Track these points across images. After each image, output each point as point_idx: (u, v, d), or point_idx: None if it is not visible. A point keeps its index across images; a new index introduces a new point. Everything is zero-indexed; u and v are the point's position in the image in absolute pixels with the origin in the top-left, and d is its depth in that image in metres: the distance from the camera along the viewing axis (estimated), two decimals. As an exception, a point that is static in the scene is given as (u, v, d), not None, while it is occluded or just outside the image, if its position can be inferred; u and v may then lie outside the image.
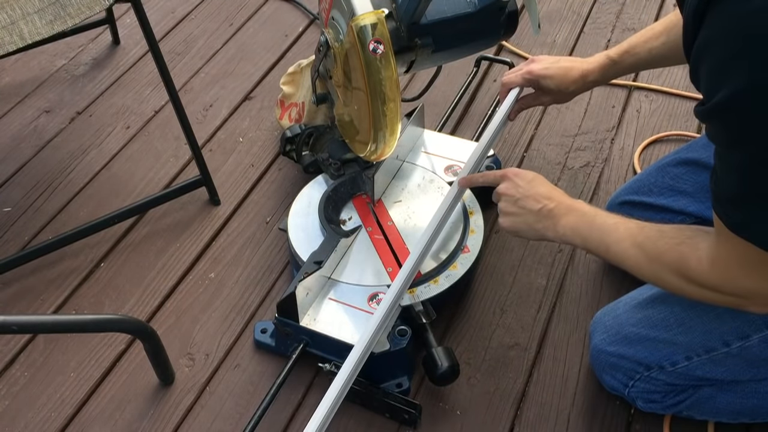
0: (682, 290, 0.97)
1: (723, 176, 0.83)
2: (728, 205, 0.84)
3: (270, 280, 1.44)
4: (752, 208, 0.82)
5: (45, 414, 1.26)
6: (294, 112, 1.60)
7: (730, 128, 0.79)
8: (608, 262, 1.09)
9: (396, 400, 1.20)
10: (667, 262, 0.96)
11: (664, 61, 1.32)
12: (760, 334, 1.02)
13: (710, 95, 0.77)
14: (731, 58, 0.74)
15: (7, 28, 1.24)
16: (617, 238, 1.03)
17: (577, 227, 1.09)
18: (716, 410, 1.16)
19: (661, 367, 1.11)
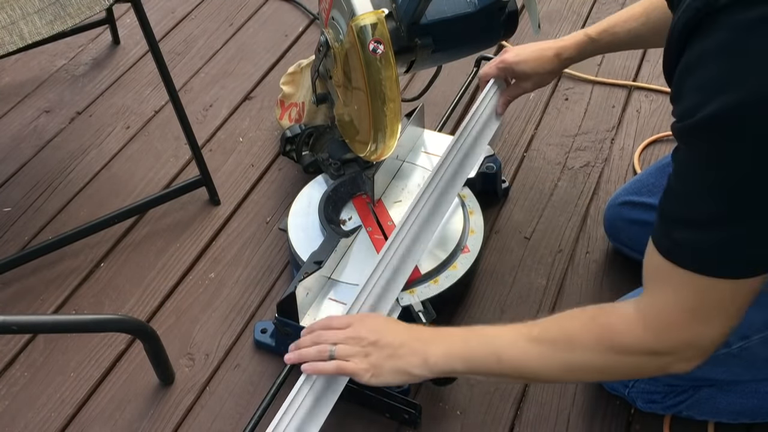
0: (609, 368, 0.90)
1: (692, 198, 0.77)
2: (695, 230, 0.78)
3: (270, 280, 1.44)
4: (733, 229, 0.76)
5: (45, 414, 1.26)
6: (294, 112, 1.60)
7: (718, 144, 0.72)
8: (503, 379, 0.97)
9: (396, 400, 1.20)
10: (585, 341, 0.89)
11: (642, 42, 1.32)
12: (760, 335, 1.02)
13: (697, 109, 0.72)
14: (729, 70, 0.70)
15: (7, 28, 1.24)
16: (507, 342, 0.94)
17: (451, 351, 0.97)
18: (716, 410, 1.16)
19: None
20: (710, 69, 0.71)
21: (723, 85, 0.69)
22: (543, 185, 1.58)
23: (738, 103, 0.68)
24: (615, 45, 1.33)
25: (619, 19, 1.30)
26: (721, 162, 0.73)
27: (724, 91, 0.69)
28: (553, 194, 1.56)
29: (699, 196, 0.76)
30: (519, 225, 1.51)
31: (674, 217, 0.80)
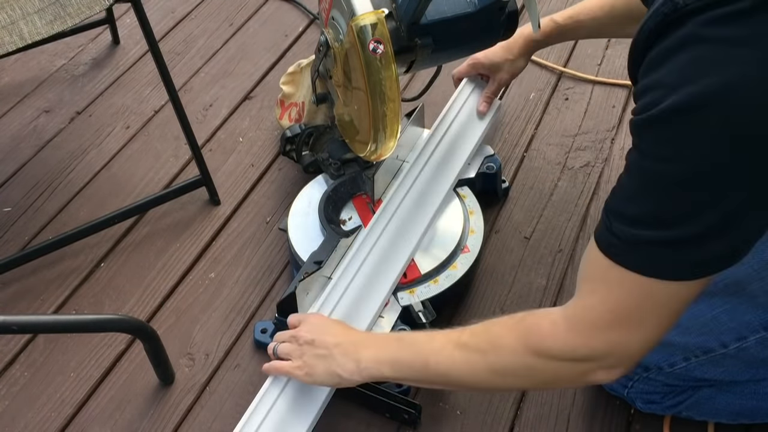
0: (530, 372, 0.88)
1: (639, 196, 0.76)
2: (639, 228, 0.76)
3: (270, 280, 1.44)
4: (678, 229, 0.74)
5: (45, 414, 1.26)
6: (294, 112, 1.60)
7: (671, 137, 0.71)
8: (433, 386, 0.96)
9: (396, 400, 1.20)
10: (509, 343, 0.88)
11: (606, 31, 1.36)
12: (756, 336, 1.02)
13: (657, 102, 0.71)
14: (691, 63, 0.69)
15: (7, 28, 1.24)
16: (435, 348, 0.94)
17: (380, 356, 0.98)
18: (715, 411, 1.16)
19: (659, 368, 1.11)
20: (672, 64, 0.70)
21: (683, 79, 0.69)
22: (543, 185, 1.58)
23: (696, 95, 0.68)
24: (580, 32, 1.38)
25: (585, 7, 1.33)
26: (672, 157, 0.72)
27: (683, 84, 0.68)
28: (553, 194, 1.56)
29: (646, 194, 0.75)
30: (519, 225, 1.51)
31: (618, 213, 0.78)
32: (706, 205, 0.72)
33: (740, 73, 0.66)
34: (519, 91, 1.77)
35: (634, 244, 0.77)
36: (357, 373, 1.00)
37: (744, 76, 0.66)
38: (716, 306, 1.04)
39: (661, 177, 0.73)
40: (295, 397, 1.09)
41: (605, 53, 1.85)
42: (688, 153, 0.70)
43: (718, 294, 1.04)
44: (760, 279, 1.00)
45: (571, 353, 0.85)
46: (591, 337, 0.83)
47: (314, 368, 1.02)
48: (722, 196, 0.71)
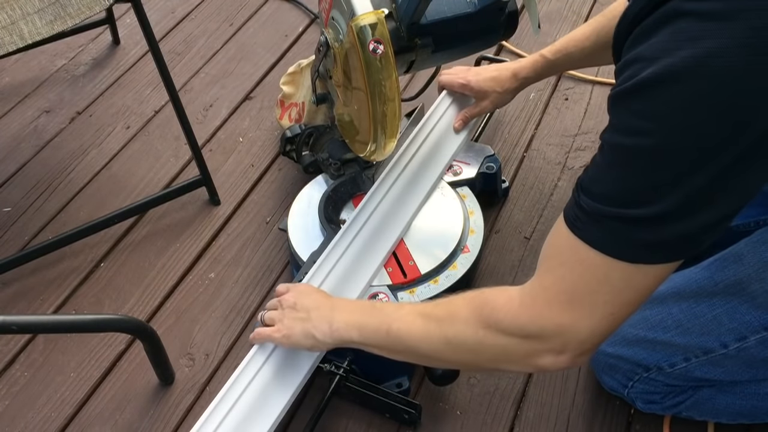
0: (480, 346, 0.88)
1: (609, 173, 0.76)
2: (606, 205, 0.76)
3: (270, 280, 1.44)
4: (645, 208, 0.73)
5: (45, 414, 1.26)
6: (294, 112, 1.60)
7: (647, 109, 0.71)
8: (394, 355, 0.98)
9: (396, 400, 1.20)
10: (464, 314, 0.89)
11: (595, 60, 1.38)
12: (757, 336, 1.02)
13: (636, 74, 0.71)
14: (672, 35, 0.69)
15: (7, 28, 1.24)
16: (399, 315, 0.97)
17: (351, 320, 1.01)
18: (716, 411, 1.16)
19: (659, 368, 1.11)
20: (654, 38, 0.71)
21: (661, 52, 0.69)
22: (543, 185, 1.58)
23: (671, 67, 0.68)
24: (570, 64, 1.42)
25: (572, 39, 1.36)
26: (643, 130, 0.72)
27: (661, 57, 0.69)
28: (553, 194, 1.56)
29: (614, 170, 0.75)
30: (519, 225, 1.51)
31: (587, 189, 0.78)
32: (671, 185, 0.72)
33: (715, 46, 0.66)
34: (519, 91, 1.77)
35: (597, 220, 0.77)
36: (329, 335, 1.03)
37: (719, 48, 0.66)
38: (717, 306, 1.04)
39: (630, 152, 0.74)
40: (278, 368, 1.12)
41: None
42: (659, 125, 0.71)
43: (718, 294, 1.04)
44: (761, 279, 1.00)
45: (520, 329, 0.85)
46: (541, 315, 0.82)
47: (292, 330, 1.06)
48: (688, 173, 0.71)
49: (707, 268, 1.06)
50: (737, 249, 1.04)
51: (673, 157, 0.71)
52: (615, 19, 0.88)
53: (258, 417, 1.08)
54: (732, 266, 1.03)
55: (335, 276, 1.22)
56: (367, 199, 1.33)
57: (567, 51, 1.36)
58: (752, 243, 1.03)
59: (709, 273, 1.06)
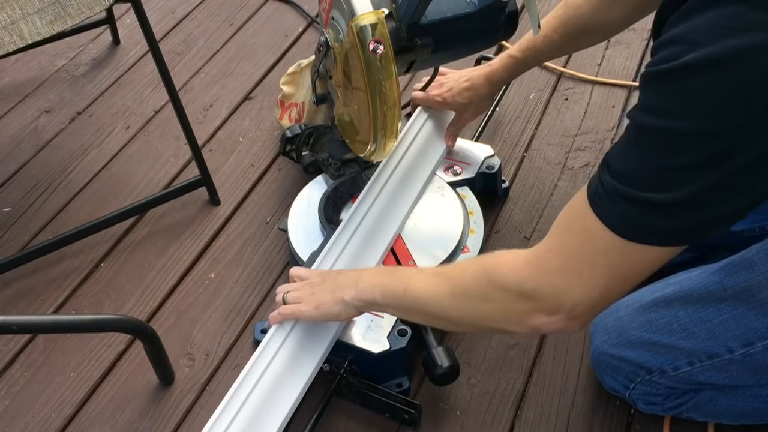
0: (482, 300, 0.91)
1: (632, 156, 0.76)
2: (624, 185, 0.76)
3: (270, 280, 1.44)
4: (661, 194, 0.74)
5: (45, 414, 1.26)
6: (294, 112, 1.60)
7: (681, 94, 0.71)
8: (410, 316, 1.03)
9: (396, 400, 1.20)
10: (472, 269, 0.93)
11: (567, 49, 1.42)
12: (764, 342, 1.01)
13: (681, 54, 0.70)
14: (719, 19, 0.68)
15: (7, 28, 1.24)
16: (418, 276, 1.01)
17: (375, 280, 1.06)
18: (717, 412, 1.15)
19: (662, 371, 1.10)
20: (698, 20, 0.70)
21: (705, 37, 0.68)
22: (543, 185, 1.58)
23: (714, 55, 0.67)
24: (540, 58, 1.42)
25: (540, 34, 1.34)
26: (675, 112, 0.71)
27: (703, 43, 0.68)
28: (553, 194, 1.56)
29: (637, 151, 0.76)
30: (519, 225, 1.51)
31: (609, 165, 0.79)
32: (692, 173, 0.72)
33: (762, 39, 0.66)
34: (519, 91, 1.77)
35: (613, 198, 0.78)
36: (356, 297, 1.06)
37: (765, 42, 0.65)
38: (724, 312, 1.04)
39: (656, 133, 0.73)
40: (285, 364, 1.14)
41: (605, 53, 1.85)
42: (691, 110, 0.70)
43: (727, 300, 1.03)
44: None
45: (518, 286, 0.87)
46: (541, 274, 0.85)
47: (322, 299, 1.10)
48: (711, 164, 0.71)
49: (717, 273, 1.06)
50: (748, 255, 1.03)
51: (699, 145, 0.71)
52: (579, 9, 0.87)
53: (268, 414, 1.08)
54: (742, 272, 1.02)
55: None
56: (362, 199, 1.33)
57: (536, 47, 1.36)
58: (764, 250, 1.02)
59: (718, 278, 1.05)
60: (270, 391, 1.10)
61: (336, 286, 1.10)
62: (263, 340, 1.16)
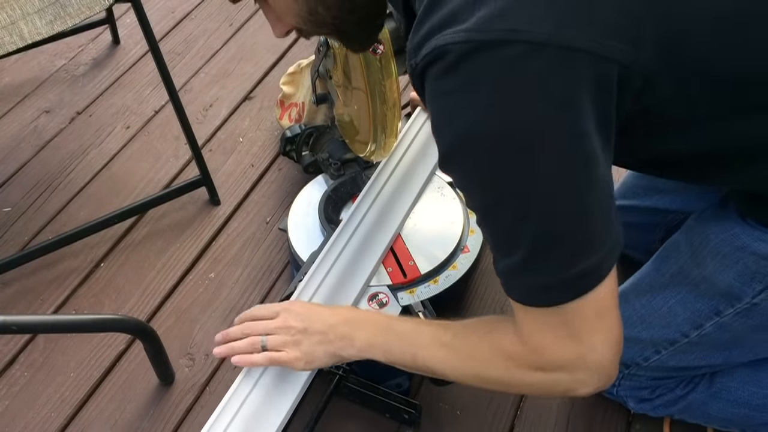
0: (513, 378, 0.89)
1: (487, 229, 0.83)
2: (496, 268, 0.84)
3: (270, 280, 1.44)
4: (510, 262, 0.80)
5: (45, 414, 1.26)
6: (294, 112, 1.60)
7: (456, 178, 0.81)
8: (418, 372, 1.00)
9: (396, 400, 1.20)
10: (484, 354, 0.90)
11: None
12: (711, 322, 1.01)
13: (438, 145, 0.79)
14: (436, 115, 0.76)
15: (7, 28, 1.24)
16: (423, 343, 0.96)
17: (374, 341, 0.99)
18: (707, 416, 1.16)
19: (636, 363, 1.11)
20: (431, 114, 0.77)
21: (436, 131, 0.77)
22: (543, 185, 1.58)
23: (446, 146, 0.76)
24: None
25: None
26: (468, 193, 0.81)
27: (438, 137, 0.77)
28: (553, 194, 1.56)
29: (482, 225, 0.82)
30: (519, 225, 1.51)
31: (495, 252, 0.85)
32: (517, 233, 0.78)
33: (467, 118, 0.72)
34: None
35: (509, 280, 0.84)
36: (356, 354, 1.01)
37: (472, 121, 0.72)
38: (669, 298, 1.04)
39: (476, 210, 0.81)
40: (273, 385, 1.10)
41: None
42: (470, 190, 0.80)
43: (668, 286, 1.04)
44: (697, 265, 0.99)
45: (541, 366, 0.85)
46: (547, 354, 0.84)
47: (314, 355, 1.01)
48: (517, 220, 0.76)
49: (654, 261, 1.08)
50: (675, 238, 1.05)
51: (496, 212, 0.78)
52: None
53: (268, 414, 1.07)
54: (672, 255, 1.04)
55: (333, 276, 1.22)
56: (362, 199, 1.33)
57: None
58: (684, 230, 1.04)
59: (656, 265, 1.07)
60: (270, 391, 1.09)
61: (325, 339, 1.01)
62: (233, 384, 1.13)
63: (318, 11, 0.83)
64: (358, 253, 1.26)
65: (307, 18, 0.84)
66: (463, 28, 0.69)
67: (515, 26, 0.68)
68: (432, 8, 0.73)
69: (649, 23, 0.71)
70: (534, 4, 0.69)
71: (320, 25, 0.85)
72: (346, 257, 1.25)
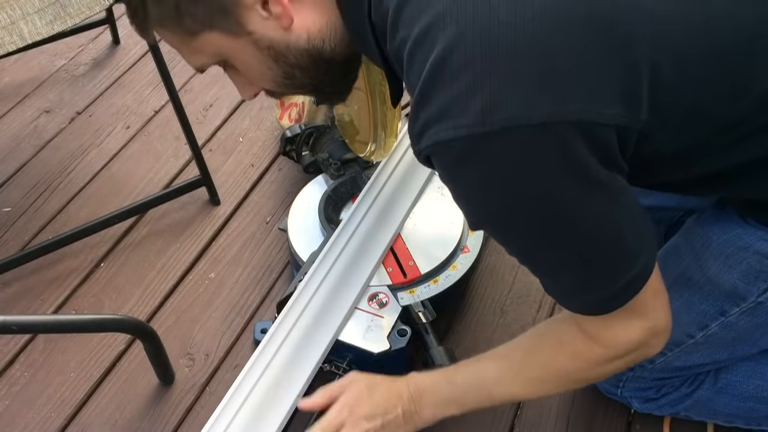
0: (600, 374, 0.93)
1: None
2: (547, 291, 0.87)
3: (270, 280, 1.44)
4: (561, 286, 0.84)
5: (45, 414, 1.26)
6: (294, 112, 1.60)
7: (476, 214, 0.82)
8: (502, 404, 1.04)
9: (396, 400, 1.20)
10: (566, 367, 0.93)
11: None
12: (716, 322, 1.01)
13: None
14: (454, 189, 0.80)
15: (7, 28, 1.24)
16: (491, 380, 0.97)
17: (443, 404, 1.00)
18: (713, 412, 1.16)
19: (641, 365, 1.11)
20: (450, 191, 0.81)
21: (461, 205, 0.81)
22: (543, 185, 1.58)
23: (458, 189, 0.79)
24: None
25: None
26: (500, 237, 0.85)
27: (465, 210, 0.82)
28: (553, 194, 1.56)
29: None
30: (519, 225, 1.51)
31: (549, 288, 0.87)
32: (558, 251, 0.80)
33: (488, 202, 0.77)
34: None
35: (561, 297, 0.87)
36: (431, 421, 1.02)
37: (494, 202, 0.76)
38: (673, 300, 1.03)
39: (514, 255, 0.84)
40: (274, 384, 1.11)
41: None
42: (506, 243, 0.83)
43: (670, 289, 1.04)
44: (700, 267, 1.00)
45: (619, 353, 0.88)
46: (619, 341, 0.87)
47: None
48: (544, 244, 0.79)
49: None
50: (674, 241, 1.05)
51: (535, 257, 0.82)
52: None
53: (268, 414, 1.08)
54: (673, 259, 1.04)
55: (333, 276, 1.22)
56: (362, 199, 1.33)
57: None
58: (684, 232, 1.04)
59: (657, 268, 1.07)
60: (270, 391, 1.10)
61: (400, 424, 1.00)
62: (263, 340, 1.15)
63: (295, 75, 0.85)
64: (358, 253, 1.26)
65: (284, 82, 0.87)
66: (462, 123, 0.70)
67: (513, 113, 0.69)
68: (423, 99, 0.73)
69: (641, 83, 0.73)
70: (526, 85, 0.69)
71: (297, 87, 0.88)
72: (346, 257, 1.25)
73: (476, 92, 0.69)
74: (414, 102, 0.75)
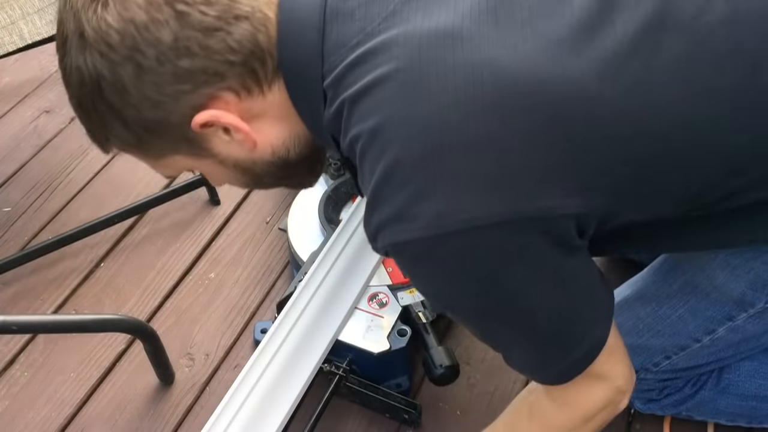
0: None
1: None
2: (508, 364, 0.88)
3: (270, 280, 1.44)
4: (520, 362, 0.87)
5: (45, 414, 1.26)
6: (294, 112, 1.60)
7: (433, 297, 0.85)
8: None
9: (396, 400, 1.20)
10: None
11: None
12: (723, 326, 1.01)
13: None
14: None
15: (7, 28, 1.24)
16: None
17: None
18: (716, 412, 1.16)
19: (645, 369, 1.11)
20: None
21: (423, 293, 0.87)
22: (543, 185, 1.58)
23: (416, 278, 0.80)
24: None
25: None
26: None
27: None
28: (553, 194, 1.56)
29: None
30: (519, 225, 1.51)
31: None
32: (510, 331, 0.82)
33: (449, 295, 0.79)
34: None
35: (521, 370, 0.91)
36: None
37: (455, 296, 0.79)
38: (678, 307, 1.04)
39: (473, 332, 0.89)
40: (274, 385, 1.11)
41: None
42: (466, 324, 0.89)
43: (675, 296, 1.04)
44: (706, 277, 0.99)
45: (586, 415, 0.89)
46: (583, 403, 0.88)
47: None
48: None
49: (658, 271, 1.07)
50: (674, 259, 1.05)
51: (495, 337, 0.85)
52: None
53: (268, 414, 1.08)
54: (678, 266, 1.04)
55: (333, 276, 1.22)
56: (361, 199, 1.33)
57: None
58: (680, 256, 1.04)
59: (659, 276, 1.07)
60: (270, 391, 1.10)
61: None
62: (263, 340, 1.15)
63: (263, 180, 0.87)
64: (358, 253, 1.26)
65: (252, 184, 0.89)
66: (418, 226, 0.70)
67: (469, 215, 0.69)
68: (376, 200, 0.73)
69: (596, 169, 0.72)
70: (479, 187, 0.69)
71: (266, 185, 0.90)
72: (346, 257, 1.25)
73: (428, 196, 0.69)
74: (368, 201, 0.75)
